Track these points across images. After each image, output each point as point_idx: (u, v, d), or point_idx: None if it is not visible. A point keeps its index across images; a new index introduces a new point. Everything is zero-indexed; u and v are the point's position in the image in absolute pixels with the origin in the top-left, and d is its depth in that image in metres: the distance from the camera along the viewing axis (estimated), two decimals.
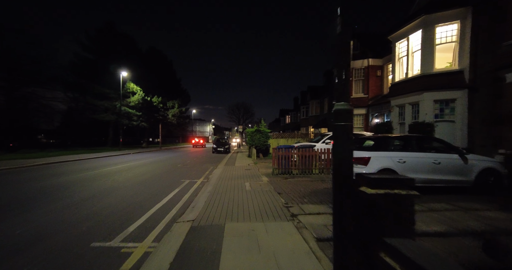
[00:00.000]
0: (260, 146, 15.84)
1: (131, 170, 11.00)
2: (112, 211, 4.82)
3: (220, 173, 9.72)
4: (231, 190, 6.44)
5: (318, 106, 26.20)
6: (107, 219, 4.35)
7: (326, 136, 11.02)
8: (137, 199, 5.82)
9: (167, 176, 9.39)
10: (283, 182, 7.56)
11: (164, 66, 35.74)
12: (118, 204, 5.33)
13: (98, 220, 4.30)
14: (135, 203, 5.41)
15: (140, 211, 4.86)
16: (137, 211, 4.86)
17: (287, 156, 8.85)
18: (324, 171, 8.97)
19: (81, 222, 4.22)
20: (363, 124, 16.69)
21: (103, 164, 13.34)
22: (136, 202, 5.49)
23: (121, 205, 5.28)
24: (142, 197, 5.97)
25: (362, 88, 16.76)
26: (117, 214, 4.66)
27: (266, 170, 10.20)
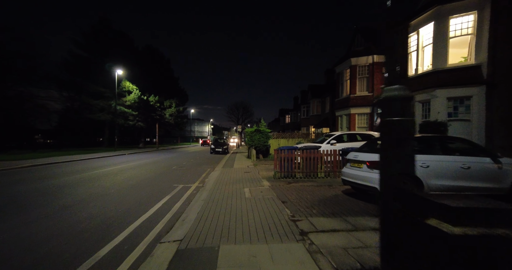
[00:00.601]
0: (260, 147, 15.11)
1: (122, 173, 10.24)
2: (88, 226, 4.07)
3: (217, 176, 8.98)
4: (228, 197, 5.71)
5: (319, 105, 25.49)
6: (78, 238, 3.61)
7: (331, 136, 10.30)
8: (121, 208, 5.07)
9: (159, 180, 8.64)
10: (286, 187, 6.83)
11: (161, 64, 34.94)
12: (98, 216, 4.58)
13: (66, 239, 3.55)
14: (117, 215, 4.67)
15: (120, 225, 4.11)
16: (117, 225, 4.12)
17: (290, 158, 8.13)
18: (331, 175, 8.25)
19: (44, 241, 3.47)
20: (367, 123, 15.99)
21: (93, 165, 12.57)
22: (118, 213, 4.75)
23: (101, 217, 4.54)
24: (126, 206, 5.22)
25: (366, 86, 16.06)
26: (93, 229, 3.92)
27: (267, 173, 9.47)
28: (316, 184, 7.21)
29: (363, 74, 16.06)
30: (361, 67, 16.08)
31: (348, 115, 16.79)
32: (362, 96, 16.03)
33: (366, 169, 5.06)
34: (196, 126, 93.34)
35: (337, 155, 8.20)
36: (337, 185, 7.12)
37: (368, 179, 4.92)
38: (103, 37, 29.32)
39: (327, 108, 23.41)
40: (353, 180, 5.37)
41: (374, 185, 4.76)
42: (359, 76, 16.19)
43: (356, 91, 16.25)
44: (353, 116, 16.38)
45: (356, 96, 16.20)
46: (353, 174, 5.38)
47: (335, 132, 11.43)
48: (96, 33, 29.22)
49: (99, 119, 29.16)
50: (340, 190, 6.45)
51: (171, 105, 34.30)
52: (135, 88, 29.29)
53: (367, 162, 5.04)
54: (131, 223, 4.24)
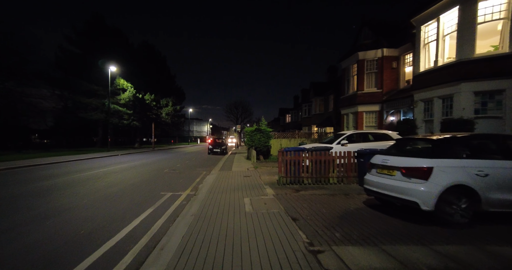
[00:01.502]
0: (260, 148, 13.98)
1: (105, 177, 9.08)
2: (25, 260, 2.92)
3: (213, 181, 7.84)
4: (224, 212, 4.57)
5: (322, 104, 24.34)
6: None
7: (341, 136, 9.17)
8: (85, 229, 3.92)
9: (145, 186, 7.49)
10: (294, 196, 5.69)
11: (157, 62, 33.75)
12: (49, 242, 3.44)
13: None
14: (76, 239, 3.53)
15: (73, 258, 2.97)
16: (68, 258, 2.97)
17: (297, 161, 6.99)
18: (344, 180, 7.12)
19: None
20: (376, 122, 14.88)
21: (78, 168, 11.40)
22: (77, 239, 3.60)
23: (54, 243, 3.39)
24: (92, 226, 4.07)
25: (375, 82, 14.95)
26: (29, 267, 2.78)
27: (269, 178, 8.34)
28: (329, 193, 6.08)
29: (372, 69, 14.95)
30: (369, 61, 14.97)
31: (355, 113, 15.68)
32: (371, 92, 14.92)
33: (401, 178, 3.93)
34: (195, 126, 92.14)
35: (352, 157, 7.08)
36: (354, 193, 6.00)
37: (405, 191, 3.79)
38: (96, 33, 28.09)
39: (331, 106, 22.28)
40: (382, 191, 4.24)
41: (415, 199, 3.64)
42: (367, 71, 15.08)
43: (363, 88, 15.13)
44: (360, 114, 15.27)
45: (364, 92, 15.08)
46: (382, 184, 4.26)
47: (345, 131, 10.29)
48: (89, 29, 28.00)
49: (91, 119, 27.96)
50: (360, 201, 5.32)
51: (167, 103, 33.12)
52: (130, 86, 28.09)
53: (403, 169, 3.91)
54: (91, 253, 3.09)
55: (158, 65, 33.84)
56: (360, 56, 15.05)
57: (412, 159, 3.94)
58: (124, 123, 29.89)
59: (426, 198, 3.54)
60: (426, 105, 10.28)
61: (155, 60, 33.51)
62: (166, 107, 33.07)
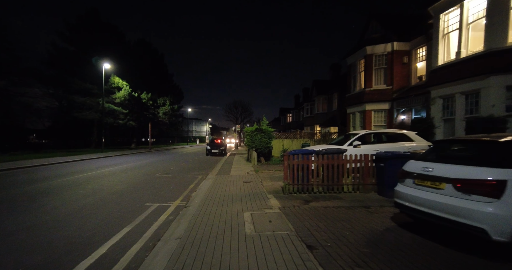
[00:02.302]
0: (261, 149, 12.98)
1: (88, 182, 8.07)
2: None
3: (208, 188, 6.84)
4: (218, 235, 3.56)
5: (325, 103, 23.34)
6: None
7: (353, 136, 8.16)
8: (29, 263, 2.91)
9: (131, 194, 6.49)
10: (305, 210, 4.69)
11: (154, 60, 32.73)
12: None
13: None
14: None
15: None
16: None
17: (306, 166, 5.99)
18: (360, 189, 6.12)
19: None
20: (385, 121, 13.89)
21: (63, 172, 10.40)
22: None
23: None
24: (41, 258, 3.06)
25: (384, 78, 13.95)
26: None
27: (272, 184, 7.34)
28: (345, 205, 5.07)
29: (381, 65, 13.95)
30: (378, 56, 13.97)
31: (362, 112, 14.68)
32: (379, 90, 13.92)
33: (454, 193, 2.93)
34: (194, 126, 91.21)
35: (370, 161, 6.08)
36: (375, 205, 5.01)
37: (462, 212, 2.79)
38: (90, 30, 27.05)
39: (335, 105, 21.28)
40: (423, 208, 3.24)
41: (480, 225, 2.63)
42: (375, 67, 14.09)
43: (372, 85, 14.14)
44: (368, 113, 14.27)
45: (372, 90, 14.09)
46: (423, 199, 3.26)
47: (357, 131, 9.29)
48: (83, 25, 26.96)
49: (85, 118, 26.94)
50: (386, 216, 4.32)
51: (164, 103, 32.12)
52: (125, 84, 27.08)
53: (457, 182, 2.91)
54: None
55: (155, 63, 32.83)
56: (368, 51, 14.05)
57: (469, 169, 2.93)
58: (119, 123, 28.89)
59: (499, 225, 2.54)
60: (445, 102, 9.28)
61: (152, 58, 32.49)
62: (163, 106, 32.07)
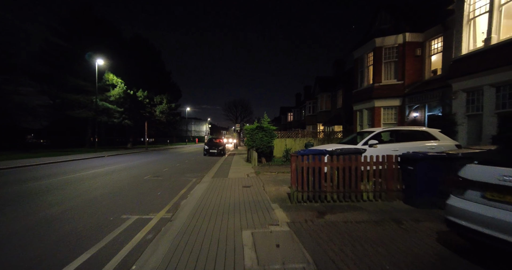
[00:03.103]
0: (262, 148, 11.96)
1: (65, 186, 7.03)
2: None
3: (201, 195, 5.82)
4: (206, 268, 2.53)
5: (328, 100, 22.29)
6: None
7: (368, 134, 7.13)
8: None
9: (108, 202, 5.46)
10: (321, 228, 3.66)
11: (151, 56, 31.66)
12: None
13: None
14: None
15: None
16: None
17: (318, 169, 4.98)
18: (382, 196, 5.10)
19: None
20: (396, 119, 12.86)
21: (44, 173, 9.36)
22: None
23: None
24: None
25: (394, 73, 12.93)
26: None
27: (276, 189, 6.32)
28: (370, 218, 4.05)
29: (391, 58, 12.93)
30: (388, 49, 12.94)
31: (370, 109, 13.66)
32: (390, 85, 12.90)
33: None
34: (193, 126, 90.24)
35: (394, 163, 5.06)
36: (407, 218, 4.00)
37: None
38: (84, 25, 26.03)
39: (339, 102, 20.25)
40: (501, 235, 2.22)
41: None
42: (385, 61, 13.06)
43: (381, 79, 13.11)
44: (377, 110, 13.24)
45: (382, 85, 13.07)
46: (501, 222, 2.23)
47: (374, 128, 8.27)
48: (77, 20, 25.90)
49: (79, 117, 25.91)
50: (430, 237, 3.30)
51: (161, 101, 31.06)
52: (120, 82, 26.01)
53: None
54: None
55: (152, 60, 31.77)
56: (377, 43, 13.02)
57: None
58: (114, 121, 27.83)
59: None
60: (470, 96, 8.26)
61: (149, 54, 31.43)
62: (160, 104, 31.01)
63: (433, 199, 4.44)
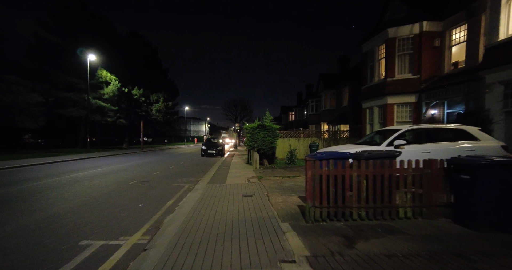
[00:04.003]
0: (265, 149, 10.80)
1: (28, 197, 5.87)
2: None
3: (192, 208, 4.65)
4: None
5: (333, 98, 21.12)
6: None
7: (393, 133, 5.97)
8: None
9: (71, 220, 4.29)
10: (358, 268, 2.50)
11: (147, 53, 30.46)
12: None
13: None
14: None
15: None
16: None
17: (341, 177, 3.82)
18: (423, 212, 3.94)
19: None
20: (411, 117, 11.70)
21: (15, 178, 8.18)
22: None
23: None
24: None
25: (409, 66, 11.77)
26: None
27: (284, 200, 5.15)
28: (422, 248, 2.89)
29: (406, 50, 11.77)
30: (403, 40, 11.79)
31: (382, 106, 12.50)
32: (404, 79, 11.75)
33: None
34: (192, 125, 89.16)
35: (439, 170, 3.91)
36: (473, 251, 2.84)
37: None
38: (76, 20, 24.81)
39: (345, 100, 19.08)
40: None
41: None
42: (399, 53, 11.90)
43: (394, 74, 11.96)
44: (390, 108, 12.08)
45: (395, 80, 11.92)
46: None
47: (399, 126, 7.10)
48: (69, 15, 24.68)
49: (70, 115, 24.71)
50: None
51: (158, 99, 29.85)
52: (114, 79, 24.82)
53: None
54: None
55: (149, 57, 30.57)
56: (390, 34, 11.87)
57: None
58: (108, 120, 26.62)
59: None
60: (509, 89, 7.11)
61: (145, 51, 30.22)
62: (156, 103, 29.80)
63: (500, 220, 3.30)
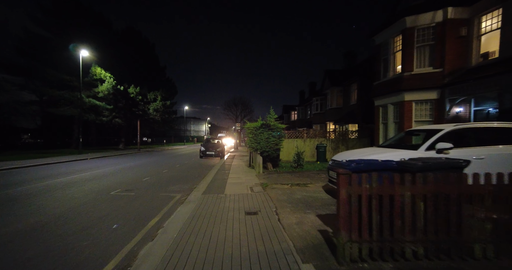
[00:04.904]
0: (269, 152, 9.60)
1: None
2: None
3: (180, 232, 3.44)
4: None
5: (340, 96, 19.87)
6: None
7: (433, 133, 4.77)
8: None
9: (3, 255, 3.10)
10: None
11: (144, 50, 29.28)
12: None
13: None
14: None
15: None
16: None
17: (388, 198, 2.62)
18: (503, 250, 2.72)
19: None
20: (432, 115, 10.48)
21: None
22: None
23: None
24: None
25: (430, 59, 10.55)
26: None
27: (299, 220, 3.94)
28: None
29: (426, 40, 10.55)
30: (423, 29, 10.57)
31: (398, 104, 11.29)
32: (424, 74, 10.53)
33: None
34: (192, 125, 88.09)
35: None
36: None
37: None
38: (69, 14, 23.66)
39: (353, 98, 17.84)
40: None
41: None
42: (418, 45, 10.68)
43: (412, 67, 10.74)
44: (407, 105, 10.87)
45: (414, 74, 10.70)
46: None
47: (438, 125, 5.84)
48: (60, 9, 23.53)
49: (63, 114, 23.57)
50: None
51: (156, 98, 28.66)
52: (109, 76, 23.67)
53: None
54: None
55: (146, 54, 29.38)
56: (408, 23, 10.65)
57: None
58: (103, 120, 25.46)
59: None
60: None
61: (142, 48, 29.04)
62: (154, 102, 28.62)
63: None
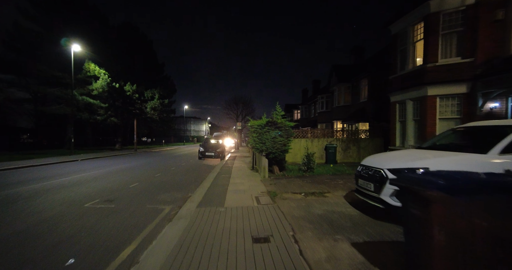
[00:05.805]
0: (276, 153, 8.38)
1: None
2: None
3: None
4: None
5: (348, 92, 18.63)
6: None
7: (508, 131, 3.59)
8: None
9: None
10: None
11: (141, 46, 28.12)
12: None
13: None
14: None
15: None
16: None
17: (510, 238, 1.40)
18: None
19: None
20: (460, 112, 9.26)
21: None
22: None
23: None
24: None
25: (458, 48, 9.33)
26: None
27: (330, 254, 2.72)
28: None
29: (453, 27, 9.33)
30: (449, 14, 9.35)
31: (419, 100, 10.08)
32: (451, 65, 9.31)
33: None
34: (193, 125, 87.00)
35: None
36: None
37: None
38: (61, 8, 22.51)
39: (363, 94, 16.62)
40: None
41: None
42: (443, 32, 9.46)
43: (437, 58, 9.52)
44: (430, 101, 9.65)
45: (438, 65, 9.48)
46: None
47: (481, 122, 4.62)
48: (52, 2, 22.38)
49: (55, 113, 22.41)
50: None
51: (153, 96, 27.49)
52: (104, 73, 22.50)
53: None
54: None
55: (143, 50, 28.23)
56: (432, 7, 9.43)
57: None
58: (97, 119, 24.29)
59: None
60: None
61: (139, 44, 27.88)
62: (151, 100, 27.45)
63: None
